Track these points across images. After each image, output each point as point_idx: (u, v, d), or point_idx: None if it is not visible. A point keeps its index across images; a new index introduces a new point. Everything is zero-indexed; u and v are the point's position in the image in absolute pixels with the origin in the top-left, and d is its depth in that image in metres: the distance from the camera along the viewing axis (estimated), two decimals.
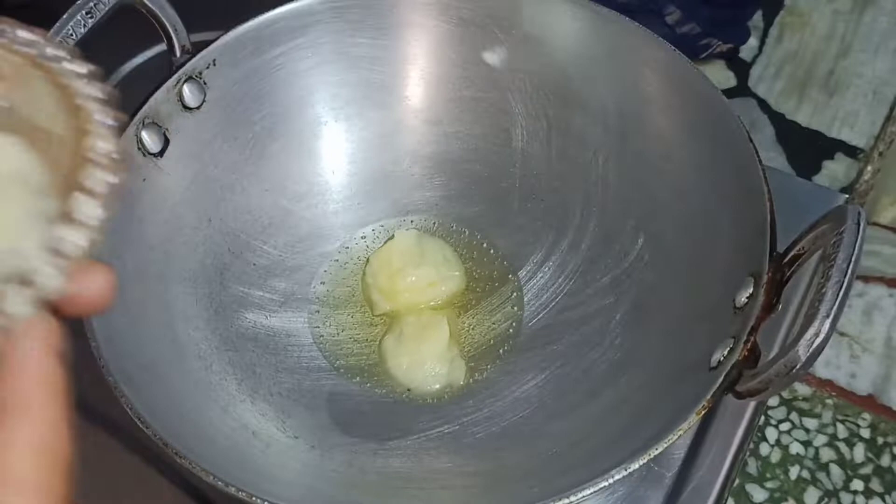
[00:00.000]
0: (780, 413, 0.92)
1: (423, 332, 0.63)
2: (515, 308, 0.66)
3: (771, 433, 0.91)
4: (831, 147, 1.03)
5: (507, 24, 0.68)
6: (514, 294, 0.67)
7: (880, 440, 0.91)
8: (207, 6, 0.67)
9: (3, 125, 0.33)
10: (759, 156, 0.57)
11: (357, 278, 0.68)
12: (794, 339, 0.47)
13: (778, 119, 1.04)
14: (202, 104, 0.63)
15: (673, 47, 0.63)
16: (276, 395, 0.60)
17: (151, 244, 0.60)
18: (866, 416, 0.92)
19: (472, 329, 0.66)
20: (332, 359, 0.64)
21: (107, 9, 0.60)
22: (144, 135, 0.60)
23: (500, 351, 0.65)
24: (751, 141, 0.58)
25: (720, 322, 0.54)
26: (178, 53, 0.62)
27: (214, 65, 0.63)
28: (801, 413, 0.92)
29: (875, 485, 0.88)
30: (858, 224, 0.49)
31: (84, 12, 0.59)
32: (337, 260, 0.68)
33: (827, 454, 0.90)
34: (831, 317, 0.47)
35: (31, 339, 0.30)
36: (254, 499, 0.48)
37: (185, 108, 0.62)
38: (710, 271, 0.59)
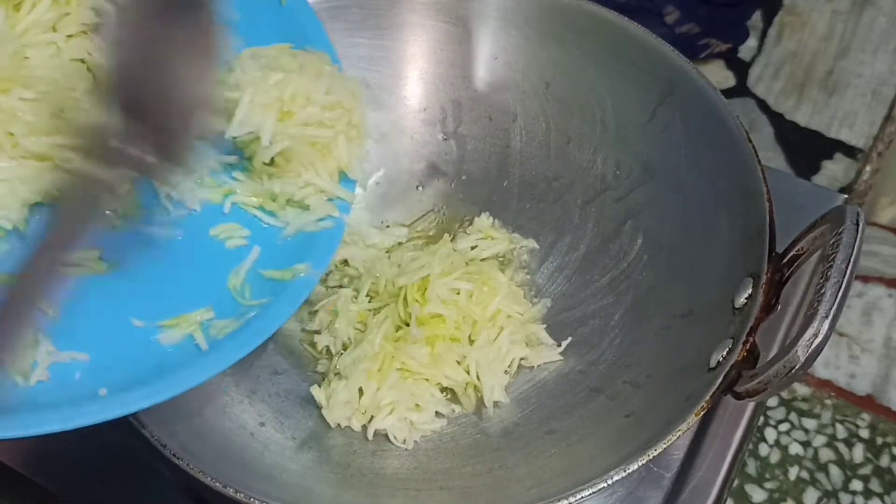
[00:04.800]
0: (779, 413, 0.92)
1: None
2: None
3: (770, 433, 0.91)
4: (830, 147, 1.03)
5: (506, 24, 0.68)
6: None
7: (879, 440, 0.91)
8: None
9: None
10: (758, 156, 0.57)
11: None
12: (793, 339, 0.47)
13: (777, 119, 1.04)
14: None
15: (672, 47, 0.63)
16: (273, 396, 0.60)
17: None
18: (865, 416, 0.92)
19: None
20: (330, 358, 0.64)
21: None
22: None
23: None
24: (750, 141, 0.58)
25: (719, 322, 0.54)
26: None
27: None
28: (801, 413, 0.92)
29: (874, 485, 0.88)
30: (857, 224, 0.49)
31: None
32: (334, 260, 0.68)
33: (826, 454, 0.90)
34: (830, 317, 0.47)
35: None
36: (252, 500, 0.48)
37: None
38: (708, 271, 0.59)
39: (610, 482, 0.48)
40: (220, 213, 0.55)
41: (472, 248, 0.67)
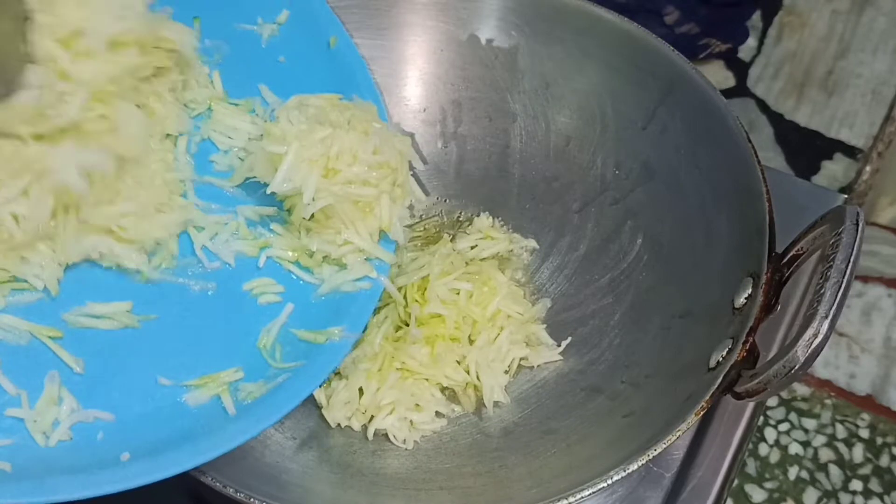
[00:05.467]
0: (779, 413, 0.92)
1: None
2: None
3: (770, 433, 0.91)
4: (830, 147, 1.03)
5: (506, 24, 0.68)
6: None
7: (879, 440, 0.91)
8: None
9: None
10: (757, 156, 0.57)
11: None
12: (793, 339, 0.48)
13: (777, 119, 1.04)
14: None
15: (671, 47, 0.63)
16: None
17: None
18: (865, 416, 0.92)
19: None
20: None
21: None
22: None
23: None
24: (749, 141, 0.58)
25: (719, 322, 0.55)
26: None
27: None
28: (800, 413, 0.92)
29: (874, 485, 0.88)
30: (857, 224, 0.49)
31: None
32: None
33: (826, 454, 0.90)
34: (830, 317, 0.47)
35: None
36: (252, 500, 0.48)
37: None
38: (708, 271, 0.59)
39: (610, 482, 0.48)
40: (254, 268, 0.53)
41: (472, 247, 0.67)
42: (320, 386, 0.49)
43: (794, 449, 0.91)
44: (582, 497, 0.48)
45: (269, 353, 0.50)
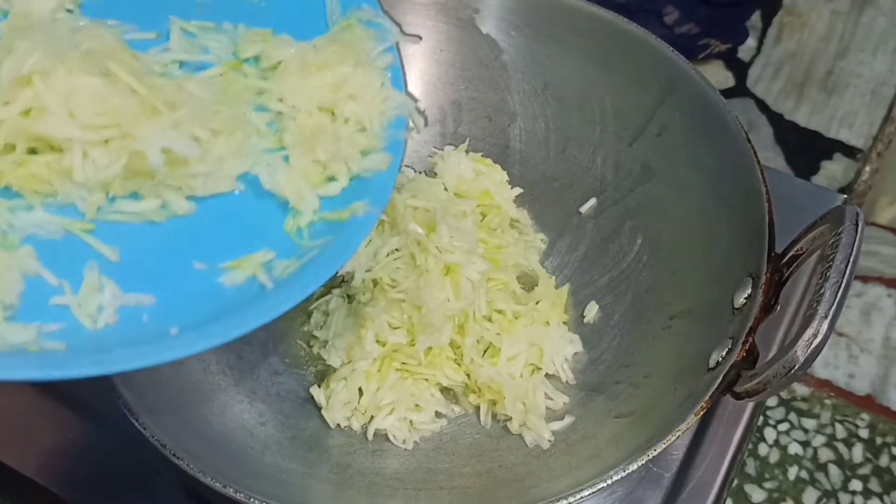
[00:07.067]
0: (778, 413, 0.92)
1: None
2: None
3: (769, 433, 0.91)
4: (830, 147, 1.03)
5: (506, 24, 0.68)
6: None
7: (879, 440, 0.91)
8: None
9: None
10: (757, 156, 0.57)
11: None
12: (793, 339, 0.48)
13: (776, 119, 1.04)
14: None
15: (671, 47, 0.63)
16: (273, 396, 0.60)
17: None
18: (865, 416, 0.92)
19: None
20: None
21: None
22: None
23: None
24: (749, 141, 0.58)
25: (718, 322, 0.55)
26: None
27: None
28: (800, 413, 0.92)
29: (874, 485, 0.88)
30: (857, 224, 0.49)
31: None
32: None
33: (825, 454, 0.90)
34: (829, 317, 0.47)
35: None
36: (252, 500, 0.48)
37: None
38: (708, 272, 0.59)
39: (610, 482, 0.48)
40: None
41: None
42: (351, 256, 0.50)
43: (794, 449, 0.91)
44: (582, 497, 0.48)
45: (296, 236, 0.51)
